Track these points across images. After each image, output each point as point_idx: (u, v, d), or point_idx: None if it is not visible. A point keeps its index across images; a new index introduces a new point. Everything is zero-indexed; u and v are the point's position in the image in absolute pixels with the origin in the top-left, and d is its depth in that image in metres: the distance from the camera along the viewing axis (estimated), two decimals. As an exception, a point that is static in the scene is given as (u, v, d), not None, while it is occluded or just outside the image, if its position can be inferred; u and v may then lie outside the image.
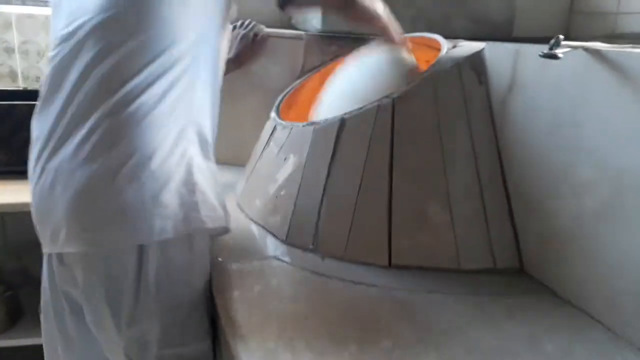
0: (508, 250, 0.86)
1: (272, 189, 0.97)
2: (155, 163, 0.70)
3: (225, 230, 0.81)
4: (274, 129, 1.04)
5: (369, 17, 0.95)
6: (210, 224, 0.76)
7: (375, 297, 0.75)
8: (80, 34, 0.74)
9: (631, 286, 0.66)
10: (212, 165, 0.81)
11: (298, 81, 1.23)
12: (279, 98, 1.17)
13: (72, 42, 0.74)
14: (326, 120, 0.93)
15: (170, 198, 0.71)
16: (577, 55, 0.71)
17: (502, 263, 0.85)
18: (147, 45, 0.72)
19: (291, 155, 0.96)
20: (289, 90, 1.20)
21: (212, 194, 0.78)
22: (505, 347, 0.66)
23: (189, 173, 0.74)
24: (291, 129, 0.99)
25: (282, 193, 0.95)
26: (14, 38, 1.62)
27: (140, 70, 0.71)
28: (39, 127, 0.76)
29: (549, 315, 0.73)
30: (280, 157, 0.99)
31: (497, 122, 0.88)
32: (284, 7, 0.89)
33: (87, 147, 0.70)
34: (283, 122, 1.03)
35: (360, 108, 0.91)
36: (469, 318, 0.72)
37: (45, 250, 0.77)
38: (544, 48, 0.71)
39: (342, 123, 0.90)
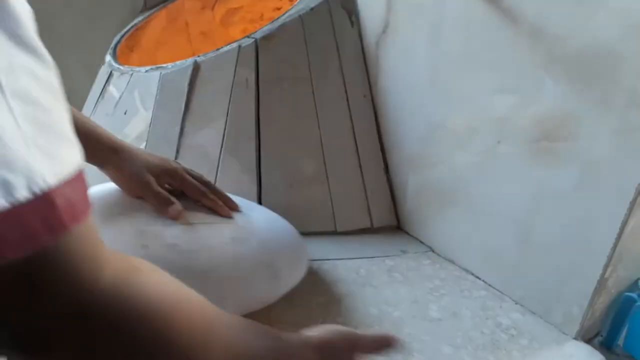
0: (385, 208, 0.80)
1: (111, 149, 0.79)
2: None
3: None
4: (110, 75, 0.85)
5: None
6: None
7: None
8: None
9: (508, 240, 0.64)
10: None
11: (140, 18, 1.03)
12: (116, 38, 0.96)
13: None
14: (175, 64, 0.77)
15: None
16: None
17: (379, 221, 0.79)
18: None
19: (133, 108, 0.79)
20: (129, 29, 0.99)
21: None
22: (390, 315, 0.60)
23: None
24: (131, 75, 0.81)
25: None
26: None
27: None
28: None
29: (430, 275, 0.69)
30: (119, 110, 0.80)
31: (370, 67, 0.80)
32: None
33: None
34: (121, 67, 0.84)
35: (218, 50, 0.77)
36: (348, 287, 0.65)
37: None
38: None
39: (196, 67, 0.75)
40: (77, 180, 0.25)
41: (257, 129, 0.73)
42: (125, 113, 0.80)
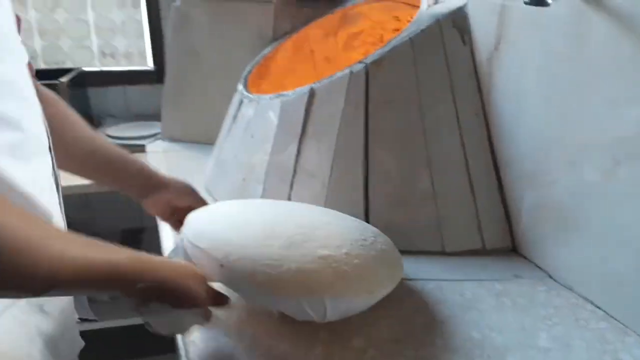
0: (498, 229, 0.78)
1: (239, 170, 0.89)
2: None
3: None
4: (241, 103, 0.95)
5: None
6: None
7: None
8: None
9: (634, 268, 0.58)
10: None
11: (268, 49, 1.13)
12: (247, 68, 1.07)
13: None
14: (295, 91, 0.83)
15: None
16: (573, 5, 0.62)
17: (492, 243, 0.77)
18: None
19: (258, 132, 0.87)
20: (259, 60, 1.10)
21: None
22: (494, 341, 0.58)
23: None
24: (258, 102, 0.89)
25: (250, 175, 0.86)
26: None
27: None
28: None
29: (543, 302, 0.65)
30: (247, 134, 0.89)
31: (483, 85, 0.79)
32: None
33: None
34: (249, 95, 0.93)
35: (332, 76, 0.81)
36: (451, 309, 0.64)
37: None
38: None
39: (312, 93, 0.81)
40: None
41: (366, 149, 0.76)
42: (252, 136, 0.88)
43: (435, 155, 0.77)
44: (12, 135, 0.48)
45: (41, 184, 0.52)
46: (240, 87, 0.99)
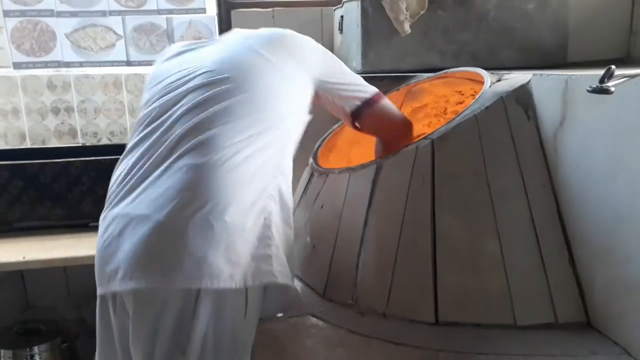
0: (571, 302, 0.76)
1: (309, 239, 0.93)
2: (230, 215, 0.69)
3: (293, 290, 0.77)
4: (311, 175, 1.01)
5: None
6: (280, 279, 0.72)
7: (419, 361, 0.68)
8: (186, 84, 0.77)
9: None
10: (289, 231, 0.78)
11: (337, 125, 1.20)
12: (318, 143, 1.14)
13: (177, 89, 0.77)
14: (362, 165, 0.88)
15: (243, 248, 0.69)
16: (637, 82, 0.64)
17: (565, 317, 0.76)
18: (243, 106, 0.75)
19: (328, 203, 0.92)
20: (328, 135, 1.17)
21: (285, 252, 0.75)
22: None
23: (266, 227, 0.72)
24: (327, 175, 0.95)
25: (319, 243, 0.90)
26: (73, 98, 1.72)
27: (228, 124, 0.73)
28: (117, 173, 0.78)
29: (623, 381, 0.63)
30: (317, 205, 0.94)
31: (549, 159, 0.81)
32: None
33: (161, 190, 0.70)
34: (320, 169, 0.99)
35: (397, 152, 0.86)
36: (527, 385, 0.63)
37: (99, 291, 0.76)
38: (598, 73, 0.64)
39: (379, 167, 0.85)
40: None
41: (433, 218, 0.79)
42: (321, 207, 0.93)
43: (503, 224, 0.78)
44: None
45: None
46: (311, 160, 1.05)
